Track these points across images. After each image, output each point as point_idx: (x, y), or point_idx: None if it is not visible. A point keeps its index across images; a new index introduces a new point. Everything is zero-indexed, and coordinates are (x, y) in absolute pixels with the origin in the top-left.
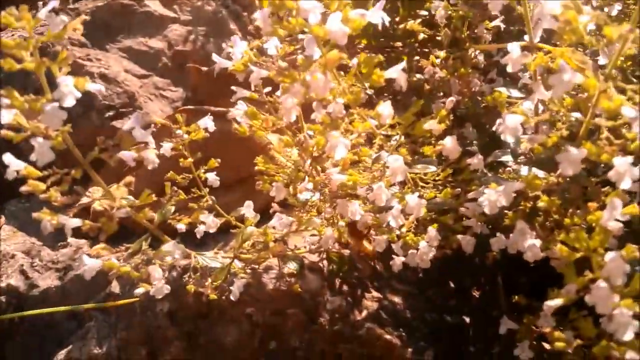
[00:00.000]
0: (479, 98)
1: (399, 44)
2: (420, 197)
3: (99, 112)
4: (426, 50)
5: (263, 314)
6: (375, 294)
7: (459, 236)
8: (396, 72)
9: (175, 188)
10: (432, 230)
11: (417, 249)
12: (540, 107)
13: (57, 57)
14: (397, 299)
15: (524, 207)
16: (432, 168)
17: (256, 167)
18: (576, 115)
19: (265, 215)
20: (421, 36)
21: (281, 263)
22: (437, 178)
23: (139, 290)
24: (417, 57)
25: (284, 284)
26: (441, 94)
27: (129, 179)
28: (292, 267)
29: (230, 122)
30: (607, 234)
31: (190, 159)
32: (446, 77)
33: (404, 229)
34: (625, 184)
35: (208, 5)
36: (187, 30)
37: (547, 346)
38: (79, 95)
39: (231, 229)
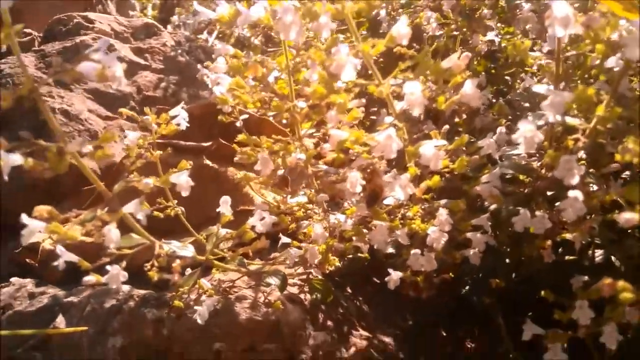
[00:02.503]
0: None
1: None
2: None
3: None
4: None
5: (234, 350)
6: (363, 332)
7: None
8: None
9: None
10: (442, 212)
11: (422, 254)
12: None
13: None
14: (387, 339)
15: (566, 145)
16: (442, 142)
17: (237, 139)
18: None
19: None
20: None
21: (258, 286)
22: (448, 148)
23: (89, 279)
24: None
25: (260, 314)
26: None
27: None
28: (272, 282)
29: (201, 160)
30: None
31: (157, 152)
32: None
33: (409, 213)
34: None
35: (181, 56)
36: (158, 77)
37: None
38: None
39: None
